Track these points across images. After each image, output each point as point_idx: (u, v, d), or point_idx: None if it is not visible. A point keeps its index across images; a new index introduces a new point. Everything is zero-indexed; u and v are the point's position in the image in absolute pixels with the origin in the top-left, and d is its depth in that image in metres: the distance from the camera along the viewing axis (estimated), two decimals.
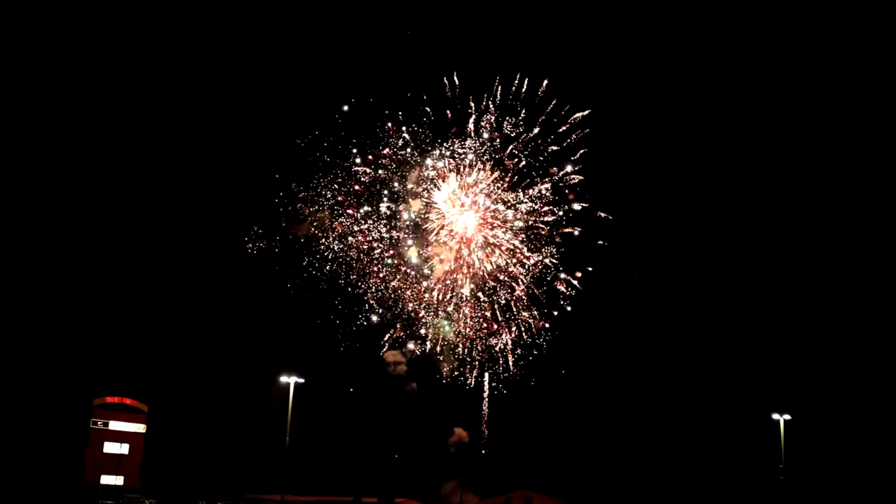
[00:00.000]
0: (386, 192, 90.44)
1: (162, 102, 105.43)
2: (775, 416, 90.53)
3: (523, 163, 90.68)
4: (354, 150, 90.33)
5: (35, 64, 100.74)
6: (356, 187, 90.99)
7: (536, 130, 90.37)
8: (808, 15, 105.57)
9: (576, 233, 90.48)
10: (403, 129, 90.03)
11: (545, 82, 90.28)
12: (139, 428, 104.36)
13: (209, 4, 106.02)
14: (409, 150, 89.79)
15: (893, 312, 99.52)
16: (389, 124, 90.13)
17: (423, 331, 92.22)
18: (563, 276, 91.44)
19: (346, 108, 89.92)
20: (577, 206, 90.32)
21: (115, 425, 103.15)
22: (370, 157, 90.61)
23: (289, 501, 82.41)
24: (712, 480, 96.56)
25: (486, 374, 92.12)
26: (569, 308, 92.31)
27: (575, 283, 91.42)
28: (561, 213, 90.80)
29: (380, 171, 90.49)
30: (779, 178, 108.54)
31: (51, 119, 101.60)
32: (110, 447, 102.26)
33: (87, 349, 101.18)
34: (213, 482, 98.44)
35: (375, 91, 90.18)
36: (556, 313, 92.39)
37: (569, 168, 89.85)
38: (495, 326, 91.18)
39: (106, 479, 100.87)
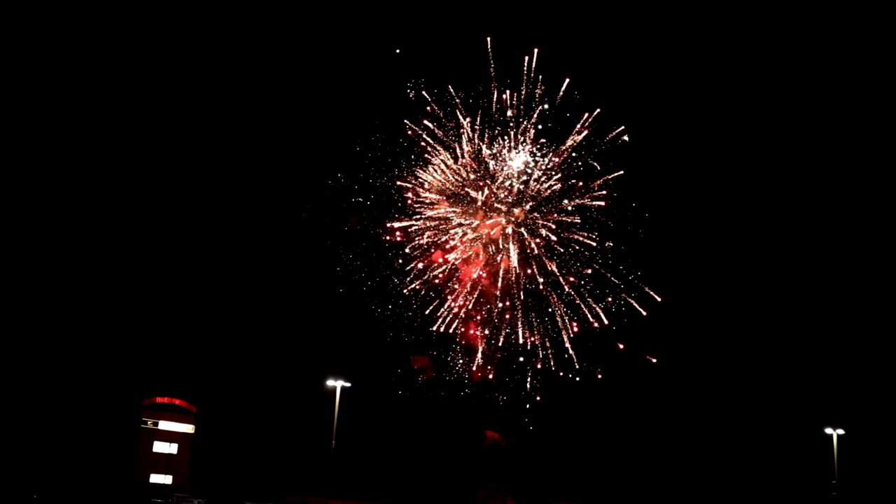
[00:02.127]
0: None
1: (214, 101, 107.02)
2: (828, 431, 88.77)
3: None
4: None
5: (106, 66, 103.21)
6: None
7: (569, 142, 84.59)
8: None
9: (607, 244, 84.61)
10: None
11: (566, 81, 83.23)
12: (188, 428, 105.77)
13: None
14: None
15: None
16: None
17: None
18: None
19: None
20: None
21: (164, 425, 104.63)
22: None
23: None
24: (763, 496, 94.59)
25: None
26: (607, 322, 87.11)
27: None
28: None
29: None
30: (835, 190, 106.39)
31: (110, 124, 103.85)
32: (160, 446, 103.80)
33: (138, 350, 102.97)
34: (258, 483, 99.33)
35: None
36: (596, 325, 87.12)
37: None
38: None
39: (155, 478, 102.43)
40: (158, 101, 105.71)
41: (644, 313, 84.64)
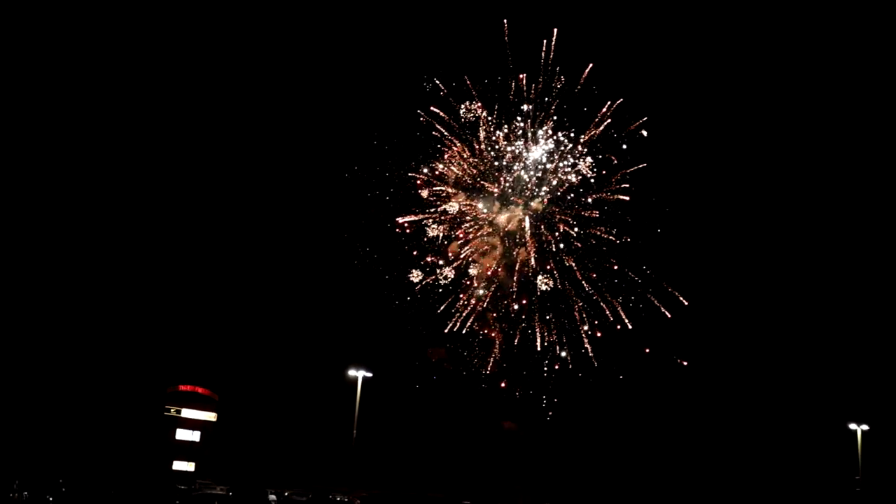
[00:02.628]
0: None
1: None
2: (852, 427, 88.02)
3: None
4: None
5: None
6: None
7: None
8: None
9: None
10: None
11: (589, 66, 77.95)
12: (210, 416, 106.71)
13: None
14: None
15: None
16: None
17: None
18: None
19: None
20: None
21: (187, 413, 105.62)
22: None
23: (362, 496, 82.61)
24: (788, 492, 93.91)
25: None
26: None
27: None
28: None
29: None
30: (859, 185, 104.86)
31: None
32: (182, 434, 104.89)
33: (162, 339, 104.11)
34: (280, 472, 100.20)
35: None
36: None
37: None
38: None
39: (178, 465, 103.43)
40: (179, 97, 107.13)
41: (668, 315, 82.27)
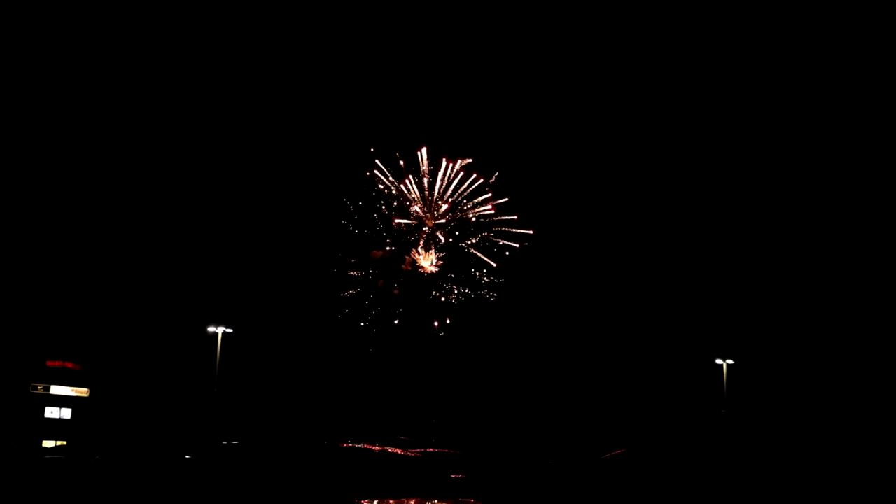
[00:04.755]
0: None
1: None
2: (718, 361, 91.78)
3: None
4: None
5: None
6: None
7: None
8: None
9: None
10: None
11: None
12: (82, 391, 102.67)
13: None
14: None
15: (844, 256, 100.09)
16: None
17: None
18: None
19: None
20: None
21: (56, 390, 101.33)
22: None
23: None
24: (658, 423, 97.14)
25: None
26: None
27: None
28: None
29: None
30: None
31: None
32: (52, 412, 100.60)
33: (25, 315, 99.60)
34: (157, 440, 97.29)
35: None
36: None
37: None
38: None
39: (48, 444, 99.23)
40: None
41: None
